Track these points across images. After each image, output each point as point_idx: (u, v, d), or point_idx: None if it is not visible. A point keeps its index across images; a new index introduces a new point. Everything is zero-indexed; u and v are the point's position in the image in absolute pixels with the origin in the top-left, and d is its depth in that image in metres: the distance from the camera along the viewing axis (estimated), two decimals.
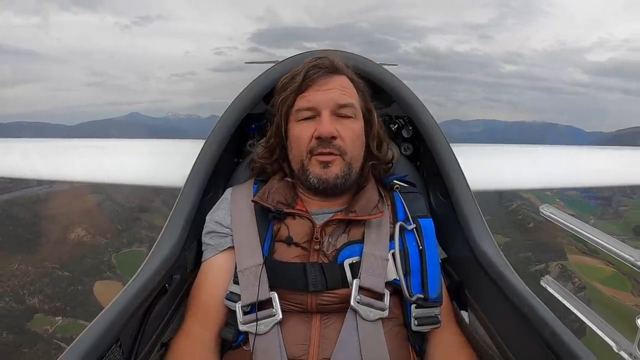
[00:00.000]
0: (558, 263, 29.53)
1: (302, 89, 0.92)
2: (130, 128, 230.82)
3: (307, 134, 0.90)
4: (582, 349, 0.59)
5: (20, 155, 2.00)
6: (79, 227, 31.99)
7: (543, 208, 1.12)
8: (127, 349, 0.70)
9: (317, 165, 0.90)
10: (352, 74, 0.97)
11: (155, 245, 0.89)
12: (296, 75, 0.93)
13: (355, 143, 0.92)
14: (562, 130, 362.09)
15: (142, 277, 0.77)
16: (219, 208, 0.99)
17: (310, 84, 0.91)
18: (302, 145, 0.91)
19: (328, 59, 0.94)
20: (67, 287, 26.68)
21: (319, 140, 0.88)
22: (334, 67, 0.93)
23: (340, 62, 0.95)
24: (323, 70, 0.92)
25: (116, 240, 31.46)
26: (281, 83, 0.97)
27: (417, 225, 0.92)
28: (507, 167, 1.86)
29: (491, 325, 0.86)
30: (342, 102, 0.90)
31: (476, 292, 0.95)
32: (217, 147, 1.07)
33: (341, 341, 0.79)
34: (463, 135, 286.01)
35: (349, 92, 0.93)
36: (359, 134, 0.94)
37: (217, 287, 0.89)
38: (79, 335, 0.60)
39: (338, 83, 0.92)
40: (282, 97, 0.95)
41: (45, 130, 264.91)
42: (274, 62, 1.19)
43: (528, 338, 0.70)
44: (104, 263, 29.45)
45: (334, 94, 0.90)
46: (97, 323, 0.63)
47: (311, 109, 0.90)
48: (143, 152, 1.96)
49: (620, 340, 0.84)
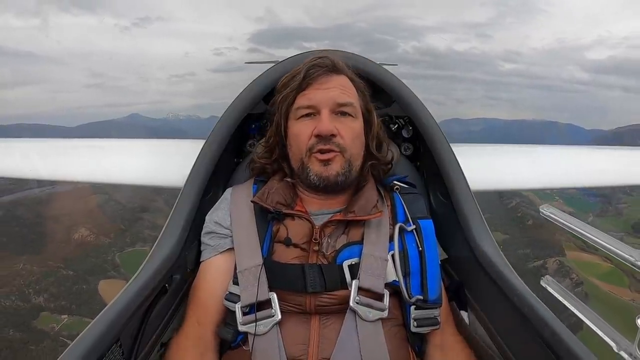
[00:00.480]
0: (556, 259, 30.10)
1: (302, 87, 0.92)
2: (130, 129, 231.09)
3: (307, 131, 0.90)
4: (582, 349, 0.59)
5: (20, 155, 1.99)
6: (82, 227, 32.39)
7: (543, 208, 1.12)
8: (127, 348, 0.70)
9: (317, 163, 0.89)
10: (352, 74, 0.97)
11: (155, 245, 0.89)
12: (297, 74, 0.93)
13: (354, 142, 0.92)
14: (562, 128, 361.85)
15: (142, 277, 0.77)
16: (219, 208, 0.99)
17: (310, 82, 0.91)
18: (302, 143, 0.90)
19: (329, 58, 0.94)
20: (72, 286, 27.11)
21: (319, 138, 0.88)
22: (334, 67, 0.93)
23: (340, 62, 0.95)
24: (323, 69, 0.92)
25: (119, 240, 31.74)
26: (282, 82, 0.97)
27: (416, 226, 0.92)
28: (507, 167, 1.85)
29: (491, 325, 0.86)
30: (342, 101, 0.90)
31: (476, 292, 0.95)
32: (217, 147, 1.07)
33: (341, 341, 0.79)
34: (463, 133, 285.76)
35: (349, 91, 0.93)
36: (359, 133, 0.94)
37: (216, 288, 0.89)
38: (80, 335, 0.60)
39: (338, 82, 0.93)
40: (282, 95, 0.95)
41: (46, 131, 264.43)
42: (274, 62, 1.19)
43: (528, 338, 0.70)
44: (108, 262, 29.78)
45: (334, 93, 0.90)
46: (98, 323, 0.63)
47: (311, 107, 0.90)
48: (143, 152, 1.96)
49: (621, 340, 0.85)
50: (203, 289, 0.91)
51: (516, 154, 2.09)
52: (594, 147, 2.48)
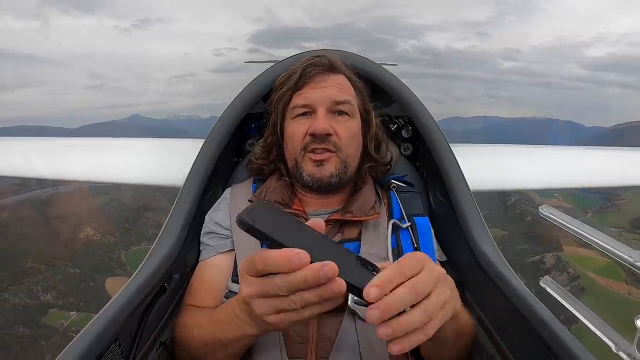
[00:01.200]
0: (554, 254, 31.14)
1: (298, 86, 0.91)
2: (131, 130, 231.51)
3: (302, 130, 0.89)
4: (581, 350, 0.59)
5: (20, 155, 2.00)
6: (88, 227, 33.34)
7: (542, 209, 1.12)
8: (126, 348, 0.70)
9: (310, 164, 0.89)
10: (351, 74, 0.96)
11: (154, 244, 0.89)
12: (293, 73, 0.92)
13: (351, 141, 0.91)
14: (562, 126, 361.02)
15: (142, 276, 0.77)
16: (219, 209, 0.99)
17: (307, 81, 0.90)
18: (297, 143, 0.90)
19: (326, 57, 0.93)
20: (80, 284, 28.10)
21: (313, 137, 0.88)
22: (331, 66, 0.92)
23: (338, 61, 0.94)
24: (320, 69, 0.91)
25: (125, 239, 32.32)
26: (279, 81, 0.97)
27: (412, 223, 0.92)
28: (507, 167, 1.86)
29: (490, 326, 0.86)
30: (339, 99, 0.90)
31: (475, 292, 0.94)
32: (217, 147, 1.07)
33: (339, 341, 0.79)
34: (464, 132, 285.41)
35: (347, 90, 0.93)
36: (356, 133, 0.93)
37: (216, 286, 0.89)
38: (78, 335, 0.60)
39: (335, 81, 0.92)
40: (278, 94, 0.94)
41: (48, 133, 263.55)
42: (274, 61, 1.19)
43: (527, 339, 0.70)
44: (114, 261, 30.33)
45: (330, 92, 0.90)
46: (96, 322, 0.62)
47: (307, 107, 0.90)
48: (143, 152, 1.96)
49: (620, 341, 0.85)
50: (202, 286, 0.90)
51: (516, 154, 2.09)
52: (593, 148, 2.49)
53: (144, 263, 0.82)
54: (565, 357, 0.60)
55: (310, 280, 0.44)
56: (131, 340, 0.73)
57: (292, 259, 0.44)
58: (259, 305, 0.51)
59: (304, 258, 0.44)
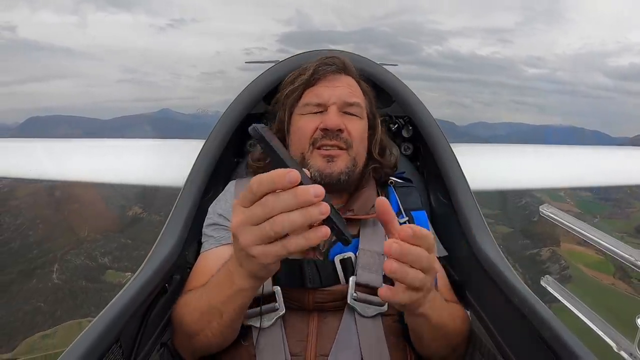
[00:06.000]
0: (550, 248, 36.03)
1: (310, 83, 0.92)
2: (161, 122, 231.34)
3: (311, 126, 0.89)
4: (582, 349, 0.59)
5: (23, 155, 2.00)
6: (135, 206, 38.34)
7: (543, 208, 1.12)
8: (127, 349, 0.70)
9: (320, 159, 0.88)
10: (359, 77, 0.98)
11: (155, 244, 0.89)
12: (305, 70, 0.93)
13: (360, 140, 0.92)
14: (589, 135, 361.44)
15: (143, 276, 0.77)
16: (222, 200, 0.99)
17: (319, 78, 0.92)
18: (305, 137, 0.89)
19: (339, 58, 0.95)
20: (132, 251, 32.32)
21: (324, 132, 0.87)
22: (344, 67, 0.94)
23: (350, 63, 0.96)
24: (333, 68, 0.92)
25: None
26: (288, 78, 0.97)
27: (409, 217, 0.92)
28: (507, 167, 1.86)
29: (491, 325, 0.86)
30: (350, 100, 0.91)
31: (476, 292, 0.94)
32: (218, 147, 1.08)
33: (339, 338, 0.79)
34: (489, 139, 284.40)
35: (357, 92, 0.94)
36: (363, 134, 0.94)
37: None
38: (79, 335, 0.60)
39: (346, 82, 0.93)
40: (288, 90, 0.95)
41: (81, 123, 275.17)
42: (274, 61, 1.19)
43: (528, 338, 0.70)
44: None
45: (342, 91, 0.91)
46: (98, 323, 0.62)
47: (319, 105, 0.90)
48: (143, 152, 1.96)
49: (621, 340, 0.85)
50: (202, 276, 0.87)
51: (516, 154, 2.09)
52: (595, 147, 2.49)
53: (144, 264, 0.82)
54: (565, 356, 0.60)
55: (300, 195, 0.47)
56: (132, 341, 0.73)
57: (285, 175, 0.47)
58: (245, 235, 0.53)
59: (295, 176, 0.47)
